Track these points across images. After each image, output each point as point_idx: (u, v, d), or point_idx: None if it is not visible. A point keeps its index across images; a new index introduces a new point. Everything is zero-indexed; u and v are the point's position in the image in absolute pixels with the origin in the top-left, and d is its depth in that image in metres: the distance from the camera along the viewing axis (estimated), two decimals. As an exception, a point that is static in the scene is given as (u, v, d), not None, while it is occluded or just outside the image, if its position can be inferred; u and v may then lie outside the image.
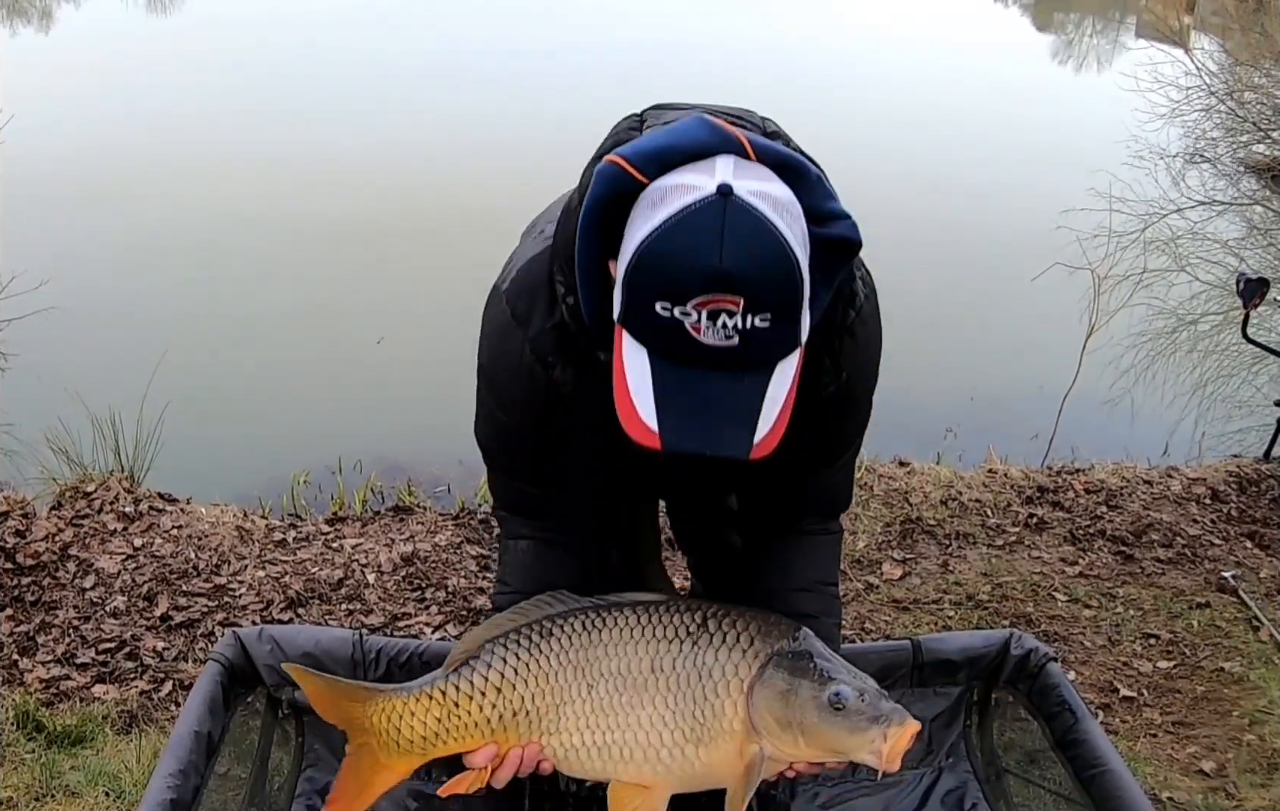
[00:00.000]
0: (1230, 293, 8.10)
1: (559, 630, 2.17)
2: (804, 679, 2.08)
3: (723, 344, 1.58)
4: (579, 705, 2.14)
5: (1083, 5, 32.61)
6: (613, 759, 2.14)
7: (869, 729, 2.02)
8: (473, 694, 2.14)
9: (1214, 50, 14.95)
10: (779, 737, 2.06)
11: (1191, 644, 4.19)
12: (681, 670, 2.13)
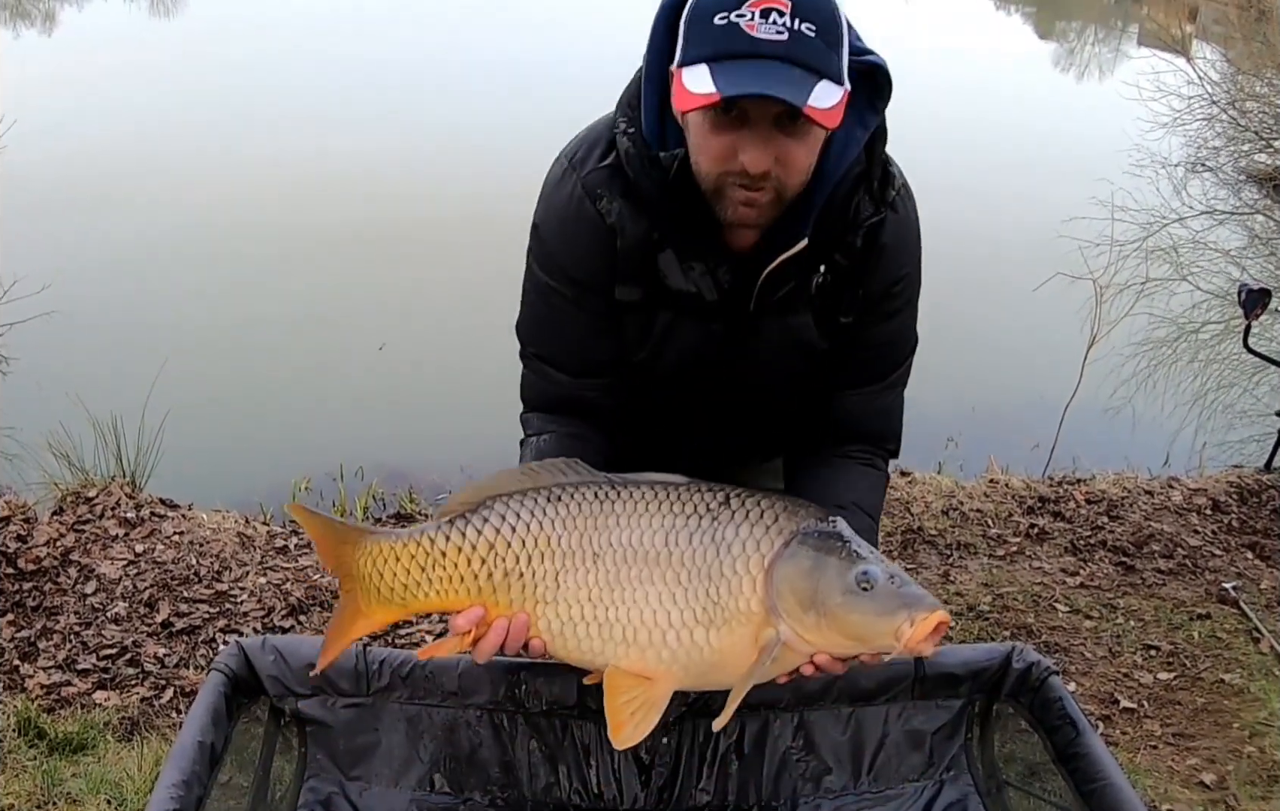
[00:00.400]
0: (1231, 302, 8.12)
1: (568, 496, 2.03)
2: (831, 557, 1.94)
3: (774, 37, 1.80)
4: (581, 575, 2.00)
5: (1085, 13, 32.68)
6: (613, 639, 2.00)
7: (896, 613, 1.89)
8: (462, 546, 2.02)
9: (1216, 59, 14.98)
10: (799, 620, 1.93)
11: (1192, 655, 4.20)
12: (698, 545, 1.99)
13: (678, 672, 1.99)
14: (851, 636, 1.93)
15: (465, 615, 1.99)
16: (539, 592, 1.99)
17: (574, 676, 2.31)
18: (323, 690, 2.29)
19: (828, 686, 2.42)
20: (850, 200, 2.05)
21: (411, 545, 2.05)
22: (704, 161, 1.93)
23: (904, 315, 2.25)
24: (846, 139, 2.01)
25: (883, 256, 2.13)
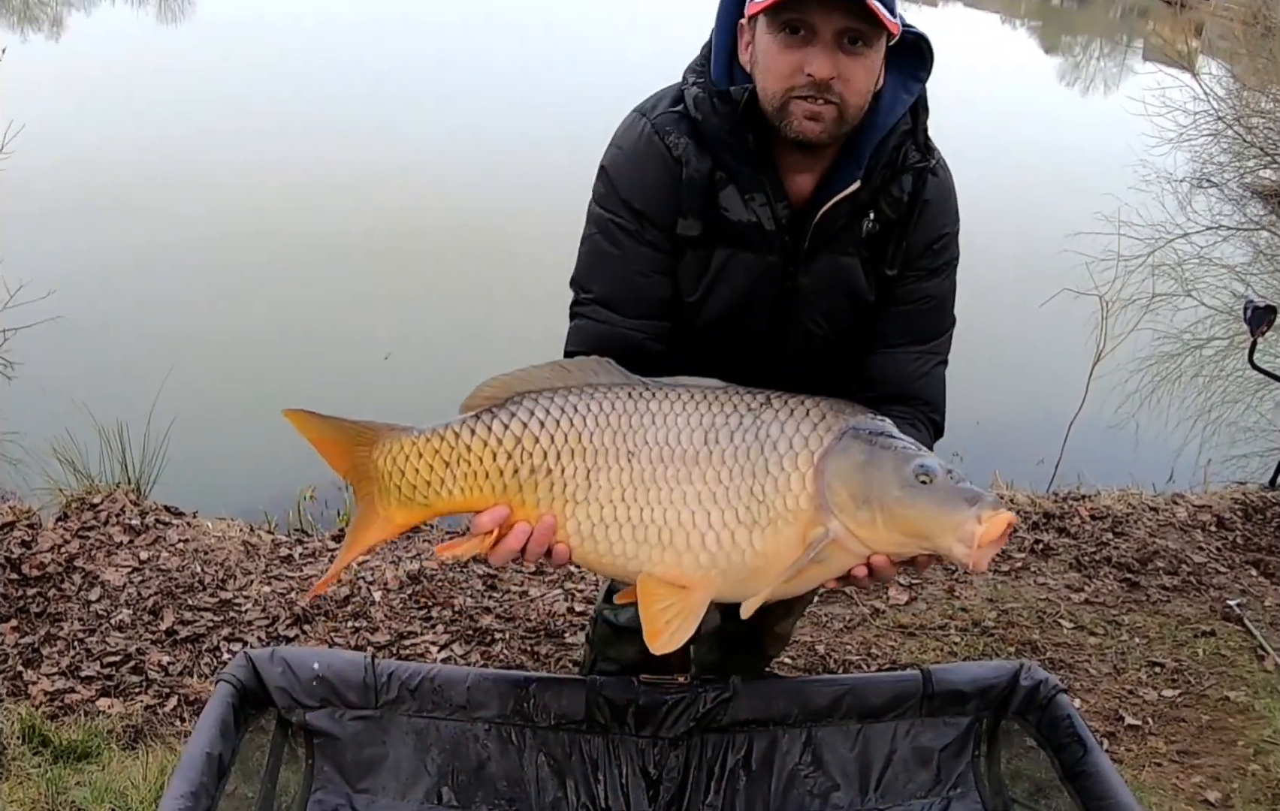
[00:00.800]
0: (1236, 317, 8.12)
1: (602, 394, 1.95)
2: (886, 451, 1.88)
3: None
4: (615, 473, 1.91)
5: (1090, 28, 32.78)
6: (648, 542, 1.91)
7: (961, 508, 1.83)
8: (488, 441, 1.94)
9: (1222, 75, 14.97)
10: (854, 516, 1.86)
11: (1196, 672, 4.19)
12: (740, 442, 1.91)
13: (716, 578, 1.92)
14: (911, 532, 1.86)
15: (489, 513, 1.94)
16: (569, 492, 1.91)
17: (582, 691, 2.31)
18: (330, 702, 2.29)
19: (836, 702, 2.42)
20: (899, 151, 2.20)
21: (435, 440, 1.98)
22: (772, 80, 2.08)
23: (943, 277, 2.34)
24: (893, 99, 2.20)
25: (925, 212, 2.26)
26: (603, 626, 2.89)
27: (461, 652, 3.92)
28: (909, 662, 4.00)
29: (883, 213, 2.23)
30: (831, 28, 2.02)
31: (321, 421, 2.08)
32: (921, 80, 2.23)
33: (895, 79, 2.20)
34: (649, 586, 1.92)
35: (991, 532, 1.80)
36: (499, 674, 2.36)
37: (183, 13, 22.85)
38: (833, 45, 2.03)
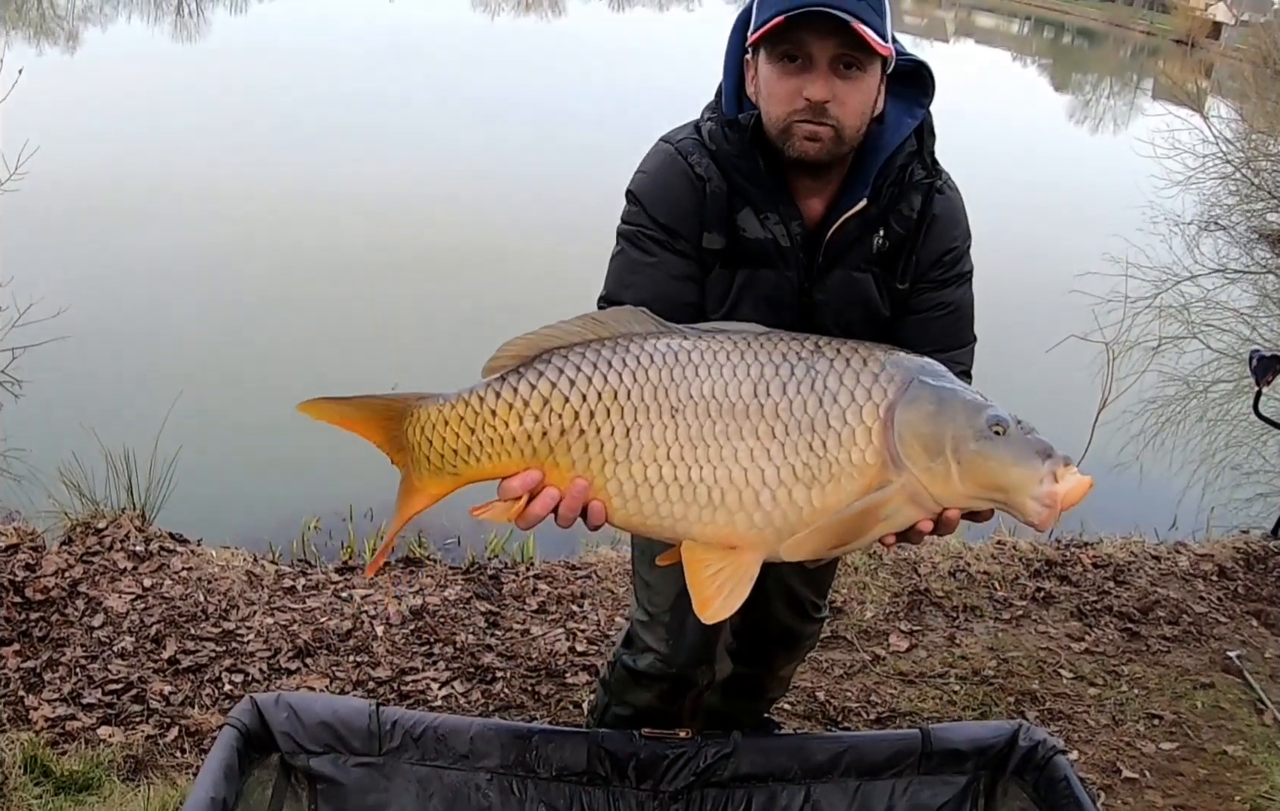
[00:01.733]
0: (1241, 361, 8.14)
1: (638, 346, 1.85)
2: (955, 400, 1.82)
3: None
4: (658, 432, 1.81)
5: (1100, 67, 32.91)
6: (697, 502, 1.81)
7: (1037, 462, 1.77)
8: (514, 403, 1.86)
9: (1231, 117, 15.01)
10: (928, 469, 1.80)
11: (1195, 725, 4.19)
12: (794, 395, 1.81)
13: (770, 538, 1.84)
14: (987, 486, 1.81)
15: (520, 479, 1.88)
16: (606, 451, 1.82)
17: (584, 743, 2.32)
18: (334, 748, 2.31)
19: (835, 759, 2.43)
20: (905, 170, 2.32)
21: (460, 406, 1.91)
22: (774, 106, 2.21)
23: (957, 287, 2.43)
24: (897, 122, 2.33)
25: (933, 226, 2.37)
26: (621, 671, 2.90)
27: (462, 690, 3.93)
28: (908, 711, 4.00)
29: (892, 229, 2.34)
30: (826, 55, 2.14)
31: (343, 404, 2.05)
32: (924, 106, 2.37)
33: (898, 104, 2.34)
34: (695, 552, 1.84)
35: (1071, 497, 1.77)
36: (502, 724, 2.37)
37: (198, 31, 22.99)
38: (828, 71, 2.15)
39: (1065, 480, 1.77)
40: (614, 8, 47.08)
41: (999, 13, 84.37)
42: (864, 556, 4.94)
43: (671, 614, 2.68)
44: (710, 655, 2.80)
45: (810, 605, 3.01)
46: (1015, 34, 71.73)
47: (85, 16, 23.81)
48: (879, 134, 2.31)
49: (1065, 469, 1.79)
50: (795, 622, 3.03)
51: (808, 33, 2.13)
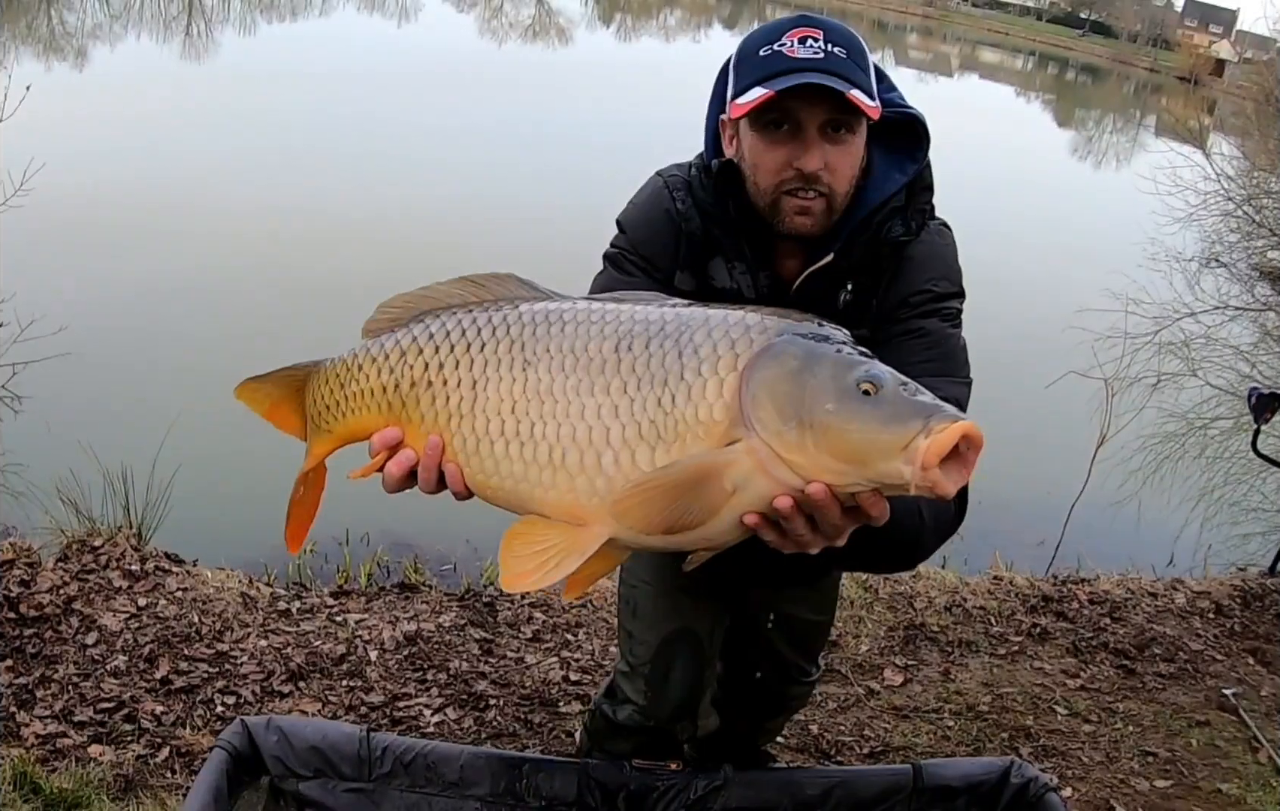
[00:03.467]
0: (1241, 398, 8.15)
1: (509, 305, 1.75)
2: (826, 356, 1.57)
3: (812, 56, 2.05)
4: (505, 385, 1.68)
5: (1103, 103, 33.01)
6: (537, 461, 1.64)
7: (910, 422, 1.48)
8: (376, 358, 1.83)
9: (1233, 154, 15.04)
10: (778, 434, 1.54)
11: (1189, 763, 4.17)
12: (657, 349, 1.62)
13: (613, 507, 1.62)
14: (847, 455, 1.51)
15: (379, 436, 1.85)
16: (452, 405, 1.72)
17: (574, 773, 2.32)
18: (324, 772, 2.30)
19: (826, 794, 2.42)
20: (883, 226, 2.22)
21: (338, 364, 1.92)
22: (762, 176, 2.15)
23: (929, 320, 2.25)
24: (884, 177, 2.24)
25: (906, 266, 2.26)
26: (600, 720, 2.89)
27: (455, 717, 3.92)
28: (902, 746, 3.99)
29: (860, 282, 2.25)
30: (816, 121, 2.08)
31: (269, 381, 2.09)
32: (917, 160, 2.27)
33: (887, 159, 2.26)
34: (530, 526, 1.67)
35: (939, 445, 1.45)
36: (492, 752, 2.36)
37: (206, 52, 23.07)
38: (818, 137, 2.09)
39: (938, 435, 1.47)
40: (621, 38, 47.30)
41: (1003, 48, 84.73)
42: (859, 589, 4.93)
43: (653, 666, 2.66)
44: (692, 710, 2.75)
45: (797, 669, 2.99)
46: (1019, 69, 72.14)
47: (95, 34, 23.91)
48: (862, 190, 2.23)
49: (940, 421, 1.49)
50: (781, 685, 3.01)
51: (796, 100, 2.06)
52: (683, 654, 2.63)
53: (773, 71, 2.07)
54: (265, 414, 2.11)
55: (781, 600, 2.80)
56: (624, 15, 58.48)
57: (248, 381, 2.09)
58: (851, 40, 2.12)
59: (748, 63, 2.13)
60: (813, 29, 2.08)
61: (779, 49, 2.08)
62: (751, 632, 2.82)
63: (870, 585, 4.96)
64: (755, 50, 2.12)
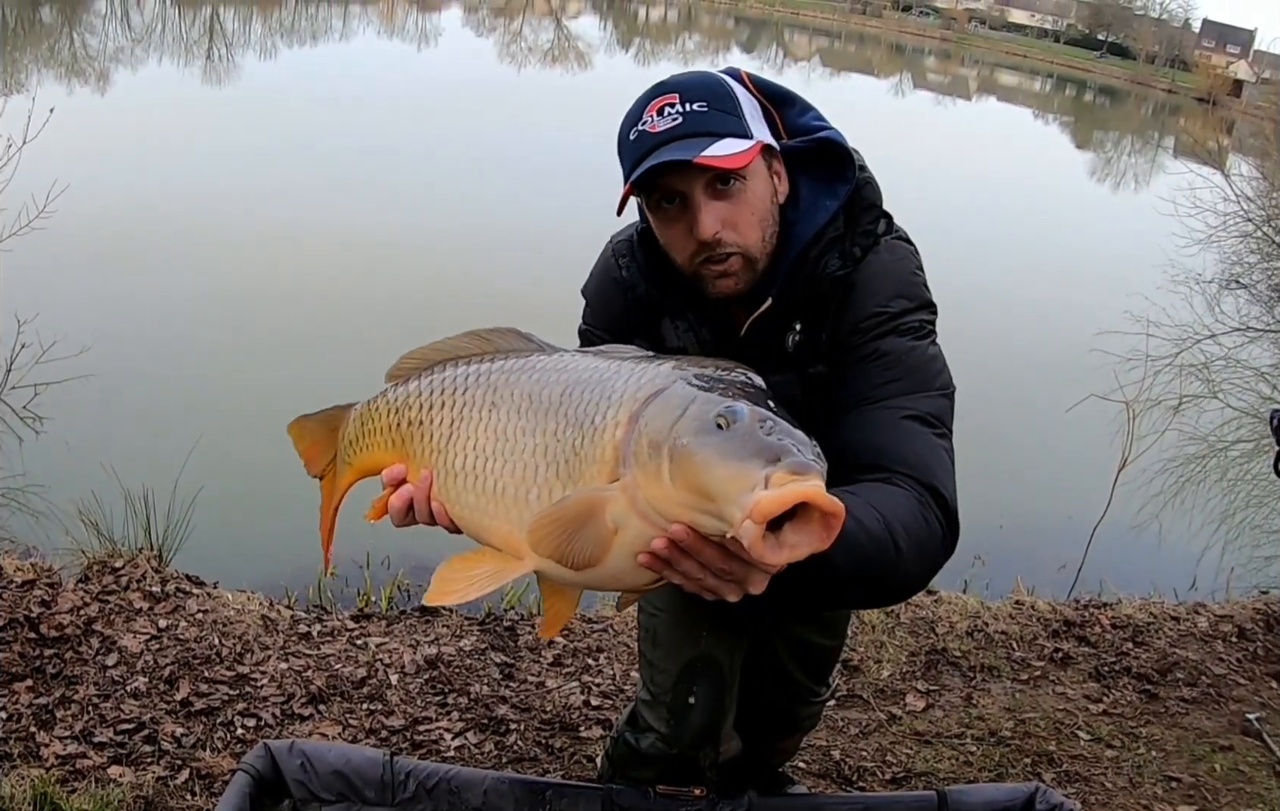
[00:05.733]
0: (1262, 420, 8.13)
1: (506, 357, 1.89)
2: (705, 395, 1.57)
3: (670, 124, 2.05)
4: (474, 424, 1.83)
5: (1122, 124, 32.97)
6: (485, 493, 1.78)
7: (753, 465, 1.43)
8: (390, 400, 2.02)
9: (1252, 175, 15.02)
10: (644, 467, 1.56)
11: (1213, 788, 4.14)
12: (588, 393, 1.71)
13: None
14: (693, 489, 1.50)
15: (387, 470, 2.01)
16: (435, 441, 1.89)
17: (598, 799, 2.31)
18: (347, 797, 2.30)
19: None
20: (820, 260, 2.17)
21: (364, 406, 2.10)
22: (675, 253, 2.17)
23: (887, 340, 2.14)
24: (814, 206, 2.20)
25: (852, 295, 2.19)
26: (623, 747, 2.88)
27: (476, 741, 3.90)
28: (924, 771, 3.96)
29: (808, 320, 2.20)
30: (697, 185, 2.07)
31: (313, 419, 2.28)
32: (848, 179, 2.20)
33: (814, 186, 2.22)
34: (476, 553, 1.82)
35: (769, 505, 1.39)
36: (516, 777, 2.36)
37: (228, 76, 23.22)
38: (706, 200, 2.07)
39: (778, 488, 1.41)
40: (639, 62, 47.46)
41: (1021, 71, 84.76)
42: (881, 614, 4.91)
43: (674, 694, 2.65)
44: (715, 736, 2.72)
45: (808, 691, 2.98)
46: (1038, 92, 72.11)
47: (116, 58, 24.11)
48: (793, 223, 2.19)
49: (789, 475, 1.42)
50: (792, 705, 3.01)
51: (670, 175, 2.06)
52: (704, 680, 2.62)
53: (640, 153, 2.08)
54: (303, 451, 2.30)
55: (792, 624, 2.80)
56: (643, 39, 58.68)
57: (298, 419, 2.27)
58: (712, 89, 2.11)
59: (623, 149, 2.14)
60: (668, 96, 2.09)
61: (643, 127, 2.09)
62: (762, 655, 2.82)
63: (891, 610, 4.94)
64: (626, 135, 2.13)
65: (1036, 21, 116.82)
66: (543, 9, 64.96)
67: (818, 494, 1.41)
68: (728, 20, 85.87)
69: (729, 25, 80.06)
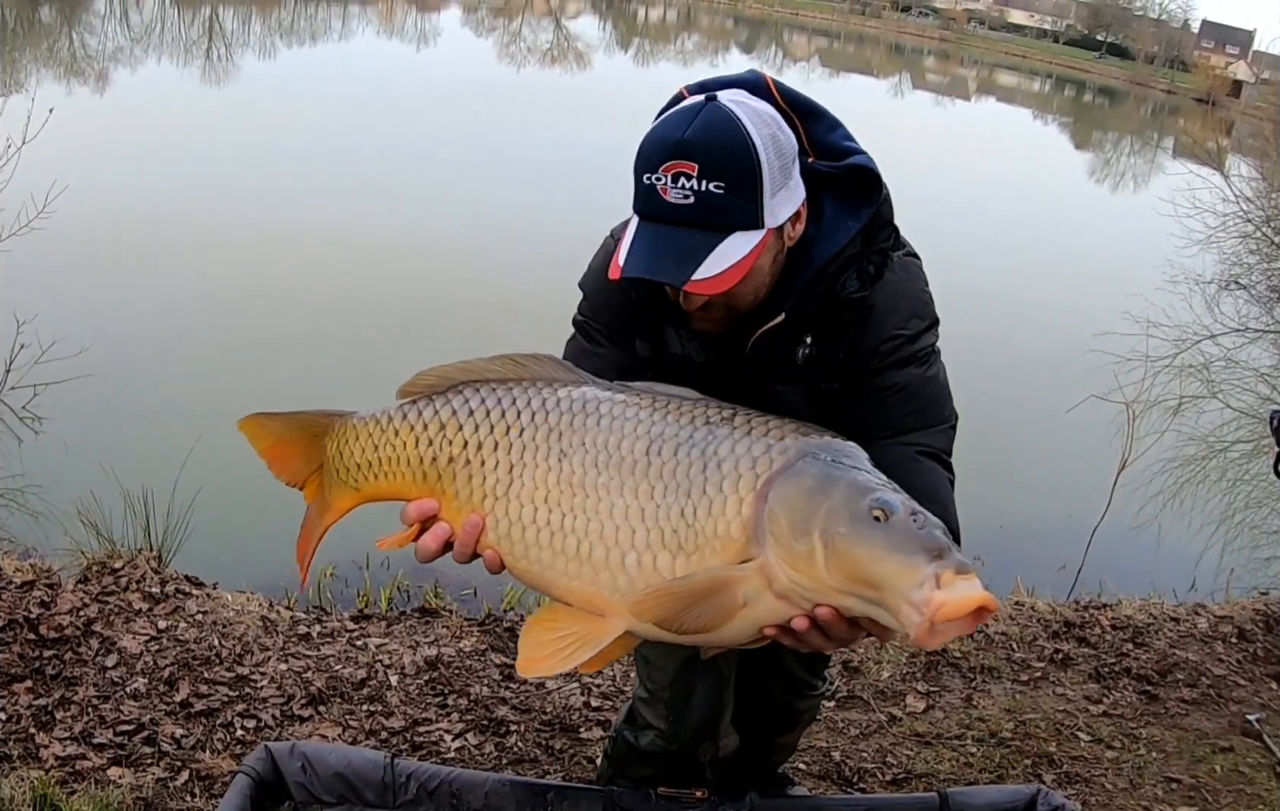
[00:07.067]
0: (1261, 420, 8.13)
1: (546, 388, 1.82)
2: (843, 478, 1.63)
3: (680, 202, 1.93)
4: (540, 473, 1.75)
5: (1121, 125, 32.99)
6: (565, 552, 1.72)
7: (919, 561, 1.52)
8: (415, 425, 1.87)
9: (1251, 175, 15.03)
10: (790, 549, 1.60)
11: (1214, 789, 4.14)
12: (684, 456, 1.69)
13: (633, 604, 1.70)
14: (855, 578, 1.57)
15: (415, 506, 1.89)
16: (488, 485, 1.78)
17: (599, 801, 2.30)
18: (348, 799, 2.30)
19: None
20: (838, 278, 2.14)
21: (370, 423, 1.95)
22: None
23: (905, 370, 2.19)
24: (837, 226, 2.15)
25: (870, 317, 2.19)
26: (622, 746, 2.88)
27: (476, 743, 3.90)
28: (924, 772, 3.96)
29: (821, 334, 2.17)
30: None
31: (279, 420, 2.12)
32: (872, 204, 2.16)
33: (839, 206, 2.17)
34: (552, 613, 1.78)
35: (952, 610, 1.49)
36: (517, 779, 2.36)
37: (226, 76, 23.22)
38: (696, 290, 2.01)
39: (949, 588, 1.51)
40: (639, 63, 47.47)
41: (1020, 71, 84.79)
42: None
43: (672, 691, 2.65)
44: (714, 731, 2.73)
45: (804, 683, 2.97)
46: (1037, 92, 72.15)
47: (116, 58, 24.10)
48: (813, 242, 2.14)
49: (956, 575, 1.52)
50: (790, 699, 3.00)
51: None
52: (701, 675, 2.62)
53: (647, 212, 1.99)
54: (265, 451, 2.15)
55: None
56: (642, 39, 58.71)
57: (256, 416, 2.11)
58: (734, 162, 1.96)
59: (637, 180, 2.03)
60: (687, 163, 1.94)
61: (655, 184, 1.97)
62: (759, 650, 2.81)
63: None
64: (642, 172, 2.01)
65: (1035, 22, 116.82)
66: (542, 9, 64.97)
67: (989, 599, 1.53)
68: (727, 20, 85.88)
69: (728, 25, 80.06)
